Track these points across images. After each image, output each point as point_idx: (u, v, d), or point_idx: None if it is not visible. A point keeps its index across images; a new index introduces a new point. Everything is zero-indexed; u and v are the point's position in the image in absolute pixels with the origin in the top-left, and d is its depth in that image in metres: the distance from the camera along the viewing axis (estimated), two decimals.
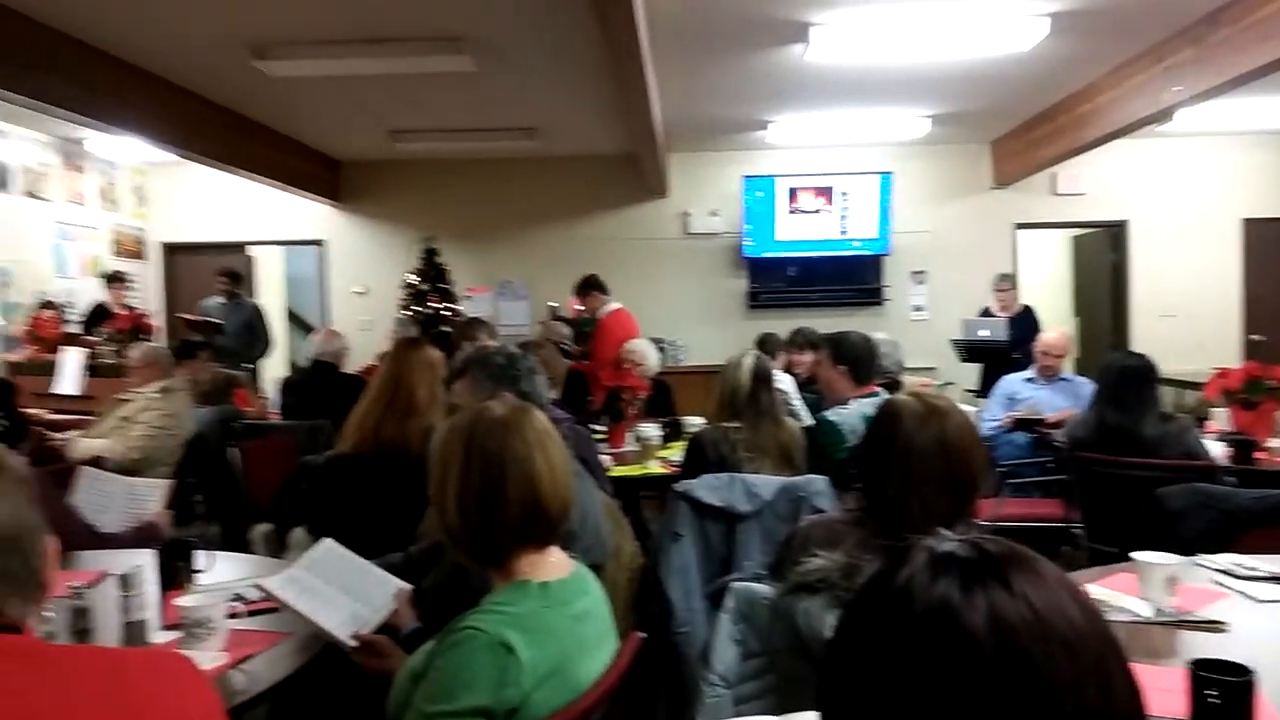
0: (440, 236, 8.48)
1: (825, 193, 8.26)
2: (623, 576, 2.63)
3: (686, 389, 5.54)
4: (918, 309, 8.52)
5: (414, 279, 8.25)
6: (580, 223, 8.64)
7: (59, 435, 4.55)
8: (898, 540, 1.48)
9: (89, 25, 4.79)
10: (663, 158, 7.42)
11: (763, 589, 2.03)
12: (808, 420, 3.93)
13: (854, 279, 8.43)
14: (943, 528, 1.68)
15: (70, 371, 6.18)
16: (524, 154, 8.15)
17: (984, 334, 6.74)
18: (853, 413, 3.21)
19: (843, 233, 8.29)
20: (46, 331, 6.75)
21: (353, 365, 5.86)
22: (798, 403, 4.31)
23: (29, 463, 1.14)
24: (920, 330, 8.26)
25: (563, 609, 1.40)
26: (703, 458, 2.96)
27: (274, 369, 8.89)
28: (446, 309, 8.15)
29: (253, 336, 7.53)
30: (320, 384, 5.16)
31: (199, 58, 5.31)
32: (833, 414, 3.24)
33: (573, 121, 7.08)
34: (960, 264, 8.28)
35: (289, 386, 5.41)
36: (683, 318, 8.38)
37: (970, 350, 6.88)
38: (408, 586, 1.97)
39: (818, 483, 2.77)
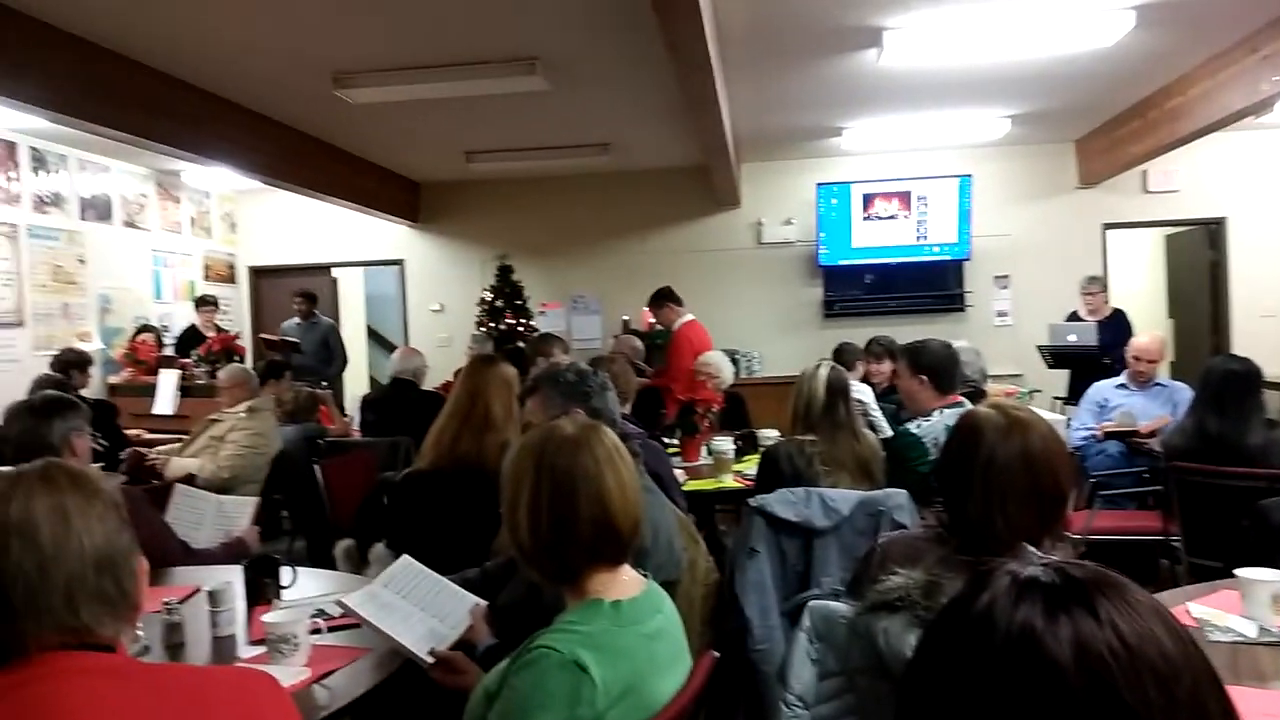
0: (514, 253, 8.61)
1: (902, 198, 8.10)
2: (698, 592, 2.60)
3: (761, 401, 5.49)
4: (1001, 314, 8.27)
5: (489, 295, 8.39)
6: (652, 236, 8.66)
7: (155, 454, 4.75)
8: (981, 558, 1.42)
9: (184, 63, 5.02)
10: (734, 168, 7.39)
11: (841, 607, 1.97)
12: (887, 432, 3.84)
13: (933, 285, 8.23)
14: (1029, 544, 1.62)
15: (166, 392, 6.46)
16: (596, 170, 8.22)
17: (1072, 339, 6.49)
18: (935, 424, 3.12)
19: (921, 238, 8.11)
20: (144, 354, 7.09)
21: (431, 382, 5.98)
22: (876, 414, 4.22)
23: (126, 481, 1.18)
24: (1004, 336, 8.02)
25: (635, 628, 1.38)
26: (778, 472, 2.91)
27: (355, 387, 9.14)
28: (521, 324, 8.26)
29: (328, 354, 7.77)
30: (400, 401, 5.27)
31: (284, 89, 5.51)
32: (914, 426, 3.15)
33: (644, 135, 7.11)
34: (1045, 267, 8.01)
35: (369, 404, 5.55)
36: (757, 329, 8.31)
37: (1058, 356, 6.64)
38: (483, 603, 1.98)
39: (898, 497, 2.70)
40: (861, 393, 3.98)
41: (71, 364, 5.54)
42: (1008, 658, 0.61)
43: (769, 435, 4.31)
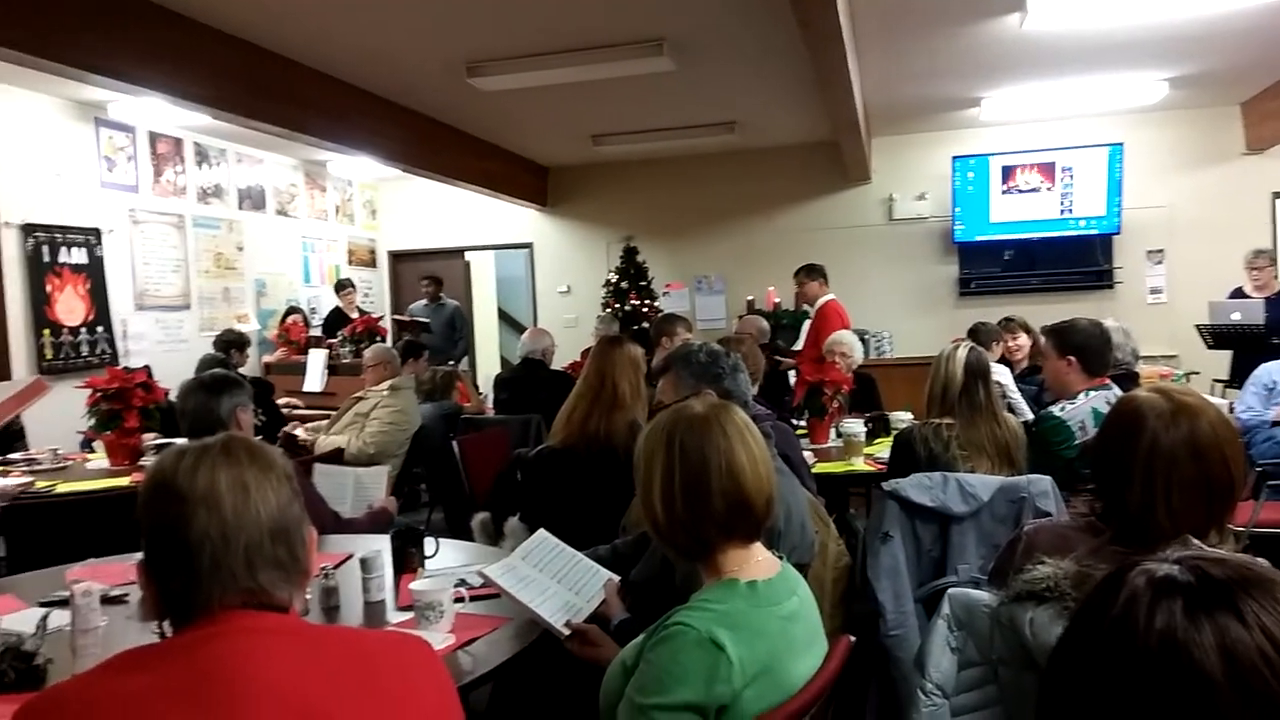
0: (639, 235, 8.68)
1: (1045, 169, 7.69)
2: (828, 576, 2.57)
3: (892, 383, 5.35)
4: (1155, 291, 7.75)
5: (614, 277, 8.50)
6: (779, 214, 8.54)
7: (305, 430, 5.06)
8: (1140, 550, 1.35)
9: (332, 59, 5.28)
10: (865, 142, 7.19)
11: (982, 595, 1.91)
12: (1028, 415, 3.67)
13: (1079, 261, 7.79)
14: (1193, 536, 1.52)
15: (315, 371, 6.86)
16: (722, 148, 8.17)
17: (1236, 317, 6.01)
18: (1081, 407, 2.96)
19: (1065, 211, 7.68)
20: (295, 335, 7.54)
21: (559, 362, 6.10)
22: (1016, 396, 4.04)
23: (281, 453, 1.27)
24: (1158, 315, 7.52)
25: (772, 609, 1.38)
26: (912, 455, 2.83)
27: (487, 366, 9.44)
28: (645, 305, 8.33)
29: (454, 335, 8.04)
30: (530, 380, 5.40)
31: (421, 80, 5.71)
32: (1057, 409, 3.00)
33: (772, 112, 7.01)
34: (1205, 240, 7.44)
35: (502, 383, 5.71)
36: (888, 308, 8.08)
37: (1218, 336, 6.16)
38: (616, 578, 2.02)
39: (1041, 483, 2.58)
40: (1001, 375, 3.82)
41: (232, 344, 5.95)
42: (1149, 665, 0.57)
43: (901, 418, 4.20)
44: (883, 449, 3.75)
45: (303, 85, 5.33)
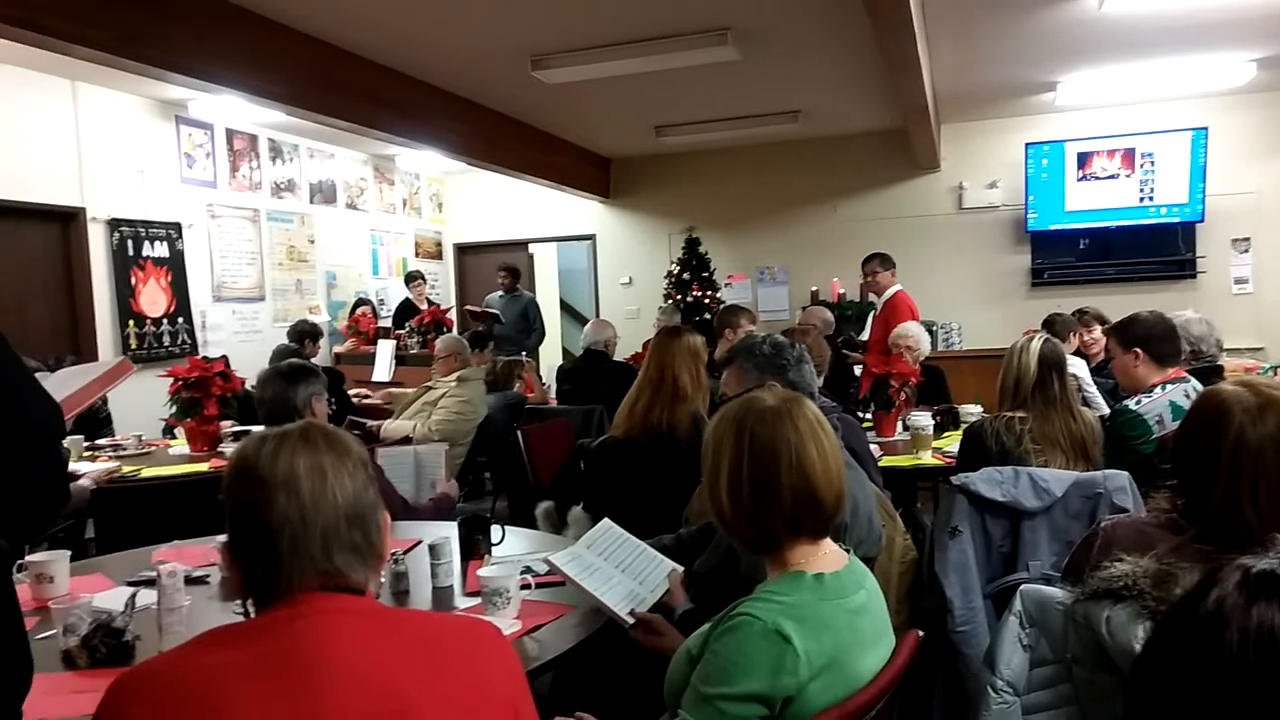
0: (701, 226, 8.65)
1: (1124, 155, 7.43)
2: (895, 570, 2.54)
3: (961, 375, 5.24)
4: (1240, 281, 7.43)
5: (676, 268, 8.49)
6: (844, 203, 8.42)
7: (373, 418, 5.18)
8: (1225, 549, 1.30)
9: (400, 55, 5.38)
10: (934, 130, 7.04)
11: (1055, 592, 1.86)
12: (1104, 409, 3.57)
13: (1159, 250, 7.51)
14: None
15: (384, 361, 7.00)
16: (786, 138, 8.08)
17: None
18: (1158, 401, 2.87)
19: (1145, 199, 7.41)
20: (364, 326, 7.72)
21: (621, 353, 6.13)
22: (1092, 390, 3.92)
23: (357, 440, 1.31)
24: (1242, 306, 7.22)
25: (839, 602, 1.37)
26: (983, 449, 2.77)
27: (550, 357, 9.53)
28: (707, 296, 8.30)
29: (528, 326, 8.12)
30: (593, 371, 5.44)
31: (486, 74, 5.78)
32: (1133, 402, 2.91)
33: (838, 100, 6.91)
34: None
35: (565, 373, 5.76)
36: (957, 299, 7.91)
37: None
38: (680, 568, 2.02)
39: (1118, 479, 2.50)
40: (1076, 367, 3.71)
41: (306, 334, 6.12)
42: (1245, 662, 0.55)
43: (971, 411, 4.12)
44: (951, 442, 3.68)
45: (373, 81, 5.44)
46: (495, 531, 2.40)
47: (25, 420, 1.06)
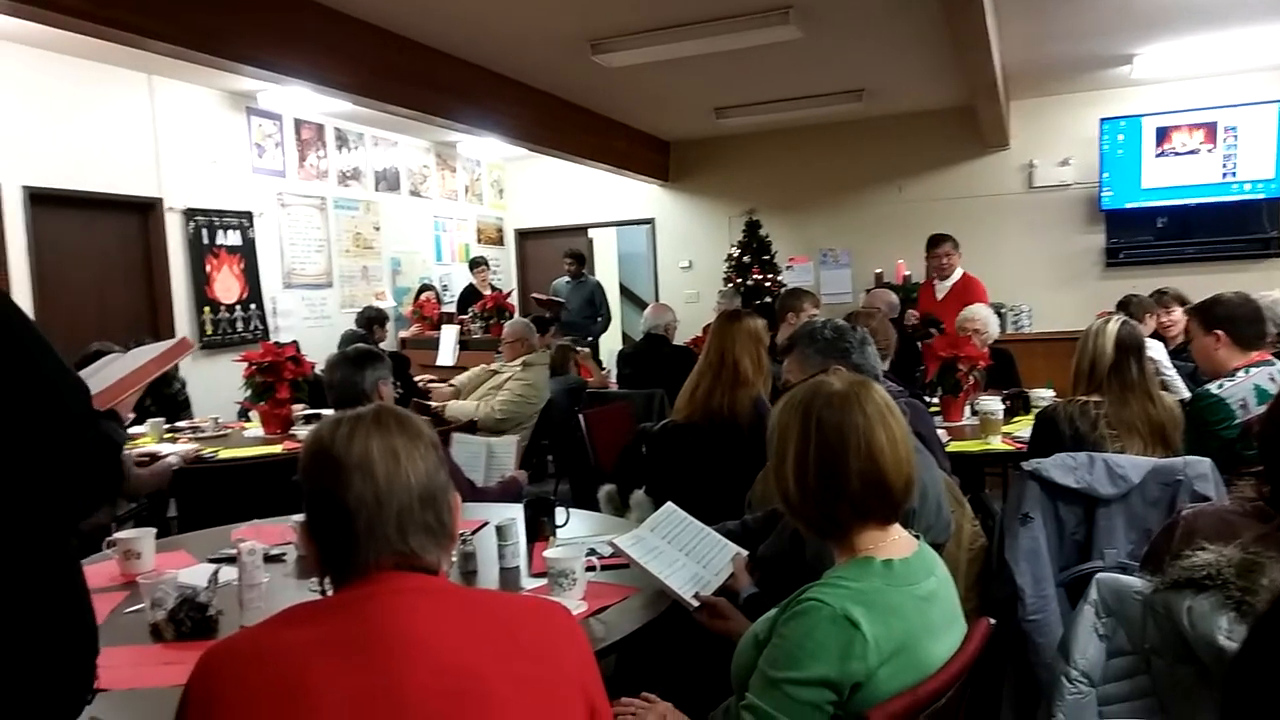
0: (761, 208, 8.57)
1: (1206, 130, 7.13)
2: (963, 557, 2.49)
3: (1032, 359, 5.11)
4: None
5: (736, 251, 8.43)
6: (909, 183, 8.26)
7: (438, 401, 5.26)
8: None
9: (461, 41, 5.42)
10: (1004, 106, 6.84)
11: (1134, 581, 1.81)
12: (1184, 394, 3.44)
13: (1242, 228, 7.19)
14: None
15: (448, 345, 7.12)
16: (849, 117, 7.95)
17: None
18: (1241, 384, 2.76)
19: (1228, 175, 7.11)
20: (429, 311, 7.85)
21: (681, 337, 6.12)
22: (1171, 373, 3.79)
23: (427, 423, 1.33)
24: None
25: (908, 588, 1.35)
26: (1056, 434, 2.70)
27: (610, 341, 9.56)
28: (768, 280, 8.23)
29: (594, 311, 8.15)
30: (653, 355, 5.45)
31: (546, 58, 5.80)
32: (1215, 386, 2.80)
33: (903, 78, 6.76)
34: None
35: (625, 358, 5.78)
36: (1026, 280, 7.70)
37: None
38: (744, 552, 2.02)
39: (1199, 465, 2.41)
40: (1155, 350, 3.58)
41: (374, 320, 6.25)
42: None
43: (1042, 395, 4.01)
44: (1022, 427, 3.59)
45: (435, 68, 5.51)
46: (560, 514, 2.42)
47: (48, 399, 1.08)
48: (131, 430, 4.14)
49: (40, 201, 5.24)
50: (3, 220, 5.02)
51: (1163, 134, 7.24)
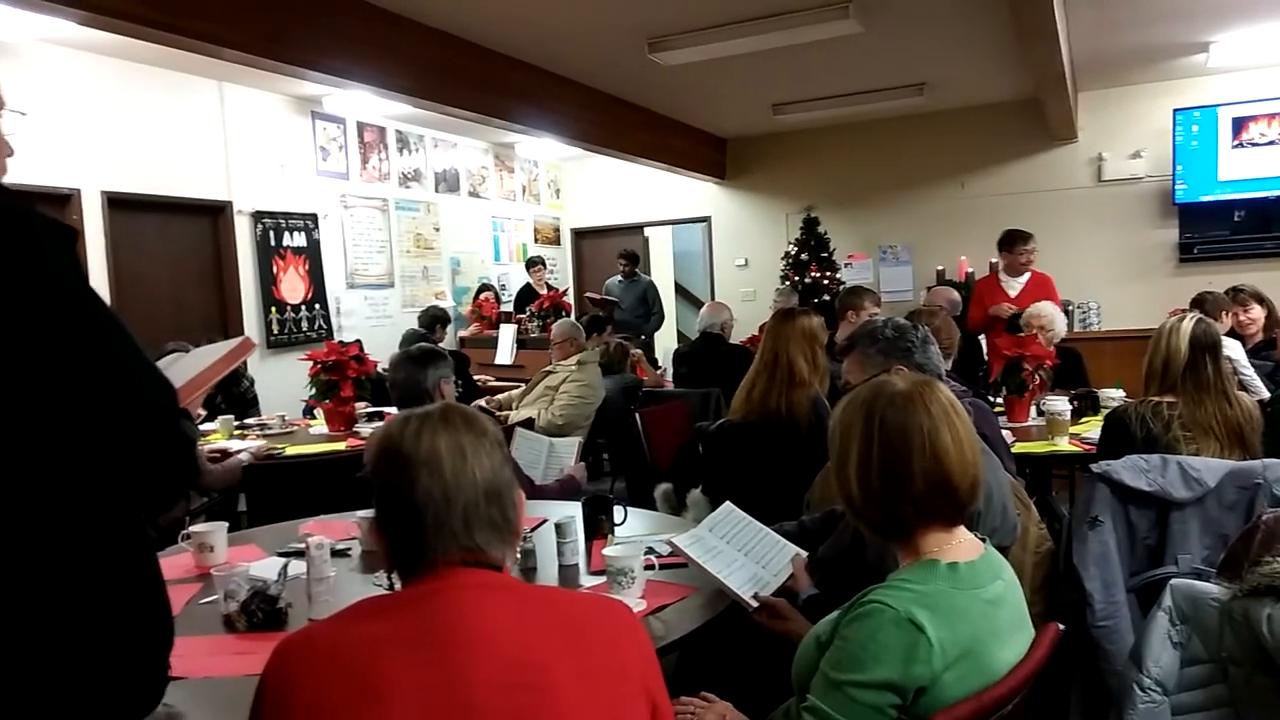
0: (820, 205, 8.48)
1: None
2: (1029, 560, 2.44)
3: (1101, 358, 4.99)
4: None
5: (793, 249, 8.35)
6: (972, 178, 8.09)
7: (496, 402, 5.33)
8: None
9: (519, 42, 5.48)
10: (1071, 98, 6.66)
11: (1210, 588, 1.76)
12: (1263, 394, 3.32)
13: None
14: None
15: (505, 344, 7.20)
16: (910, 111, 7.82)
17: None
18: None
19: None
20: (487, 310, 7.94)
21: (737, 336, 6.09)
22: (1249, 372, 3.66)
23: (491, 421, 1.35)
24: None
25: (975, 592, 1.33)
26: (1126, 436, 2.62)
27: (665, 340, 9.57)
28: (826, 278, 8.14)
29: (647, 310, 8.16)
30: (709, 355, 5.43)
31: (603, 57, 5.82)
32: None
33: (966, 71, 6.63)
34: None
35: (681, 357, 5.78)
36: (1095, 277, 7.48)
37: None
38: (804, 553, 2.00)
39: (1279, 469, 2.32)
40: (1232, 349, 3.46)
41: (436, 319, 6.36)
42: None
43: (1112, 395, 3.90)
44: (1090, 429, 3.50)
45: (493, 70, 5.57)
46: (618, 512, 2.43)
47: (135, 392, 1.11)
48: (202, 427, 4.27)
49: (118, 205, 5.44)
50: (83, 224, 5.23)
51: (1239, 124, 6.97)
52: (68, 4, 3.32)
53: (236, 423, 4.57)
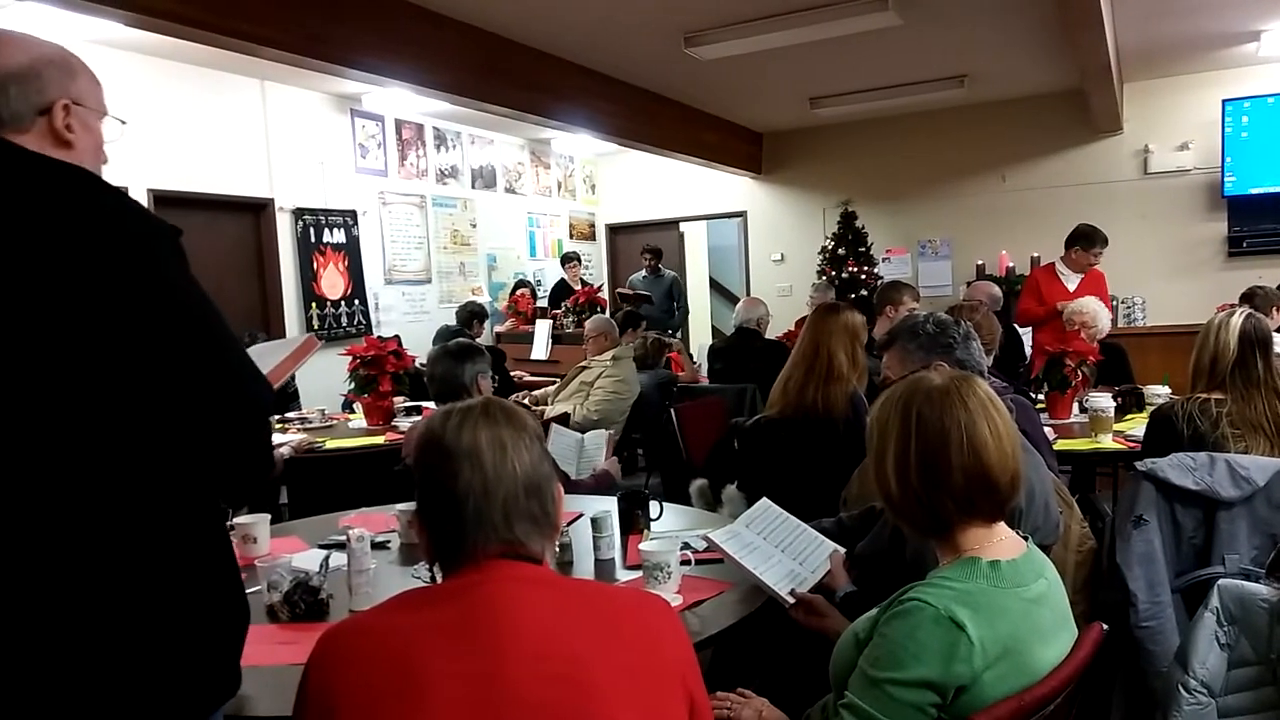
0: (857, 199, 8.41)
1: None
2: (1071, 559, 2.40)
3: (1146, 353, 4.89)
4: None
5: (830, 243, 8.29)
6: (1014, 171, 7.96)
7: (532, 397, 5.36)
8: None
9: (554, 38, 5.49)
10: (1117, 89, 6.52)
11: (1259, 588, 1.72)
12: None
13: None
14: None
15: (541, 340, 7.24)
16: (949, 104, 7.72)
17: None
18: None
19: None
20: (523, 306, 7.99)
21: (773, 331, 6.06)
22: None
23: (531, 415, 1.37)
24: None
25: (1016, 590, 1.31)
26: (1172, 433, 2.57)
27: (700, 336, 9.55)
28: (863, 272, 8.07)
29: (672, 305, 8.16)
30: (745, 350, 5.42)
31: (639, 53, 5.82)
32: None
33: (1007, 62, 6.52)
34: None
35: (717, 352, 5.77)
36: (1140, 272, 7.33)
37: None
38: (841, 550, 1.99)
39: None
40: None
41: (474, 314, 6.41)
42: None
43: (1158, 392, 3.83)
44: (1134, 426, 3.43)
45: (529, 67, 5.59)
46: (654, 507, 2.43)
47: (240, 389, 1.16)
48: None
49: (164, 203, 5.55)
50: None
51: None
52: (115, 5, 3.40)
53: (278, 417, 4.64)
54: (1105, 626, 1.42)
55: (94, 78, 1.28)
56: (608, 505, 2.40)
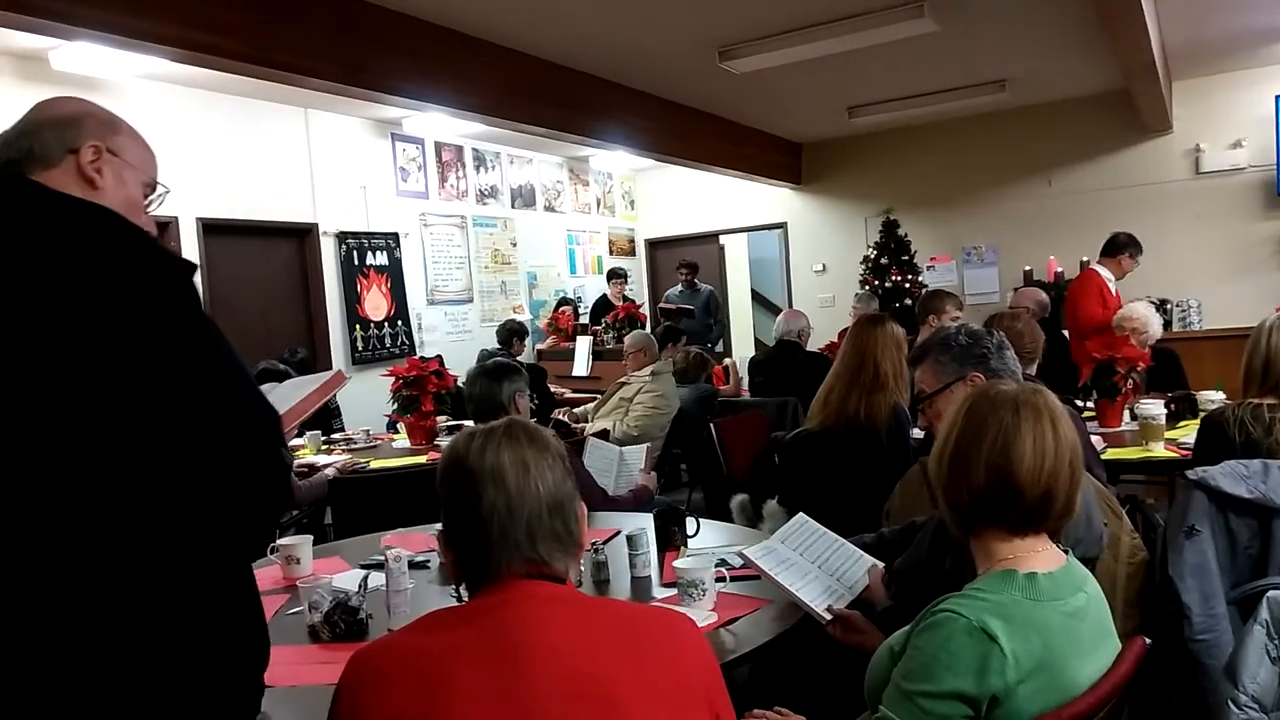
0: (899, 207, 8.32)
1: None
2: (1121, 571, 2.33)
3: (1200, 360, 4.76)
4: None
5: (872, 253, 8.21)
6: (1059, 175, 7.82)
7: (574, 414, 5.38)
8: None
9: (588, 57, 5.54)
10: (1164, 88, 6.37)
11: None
12: None
13: None
14: None
15: (582, 356, 7.27)
16: (991, 108, 7.62)
17: None
18: None
19: None
20: (564, 323, 8.04)
21: (814, 343, 6.01)
22: None
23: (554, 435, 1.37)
24: None
25: (1054, 604, 1.28)
26: (1224, 440, 2.49)
27: (741, 348, 9.51)
28: (907, 281, 7.98)
29: (709, 319, 8.14)
30: (786, 363, 5.38)
31: (674, 68, 5.84)
32: None
33: (1049, 65, 6.42)
34: None
35: (758, 365, 5.74)
36: (1193, 273, 7.15)
37: None
38: (880, 565, 1.96)
39: None
40: None
41: (514, 333, 6.47)
42: None
43: (1211, 398, 3.71)
44: (1187, 433, 3.34)
45: (565, 86, 5.65)
46: (690, 524, 2.42)
47: (249, 421, 1.15)
48: (292, 443, 4.43)
49: (211, 231, 5.71)
50: (180, 249, 5.49)
51: None
52: (163, 42, 3.51)
53: (324, 438, 4.72)
54: (1149, 641, 1.38)
55: (143, 143, 1.29)
56: (644, 522, 2.40)
